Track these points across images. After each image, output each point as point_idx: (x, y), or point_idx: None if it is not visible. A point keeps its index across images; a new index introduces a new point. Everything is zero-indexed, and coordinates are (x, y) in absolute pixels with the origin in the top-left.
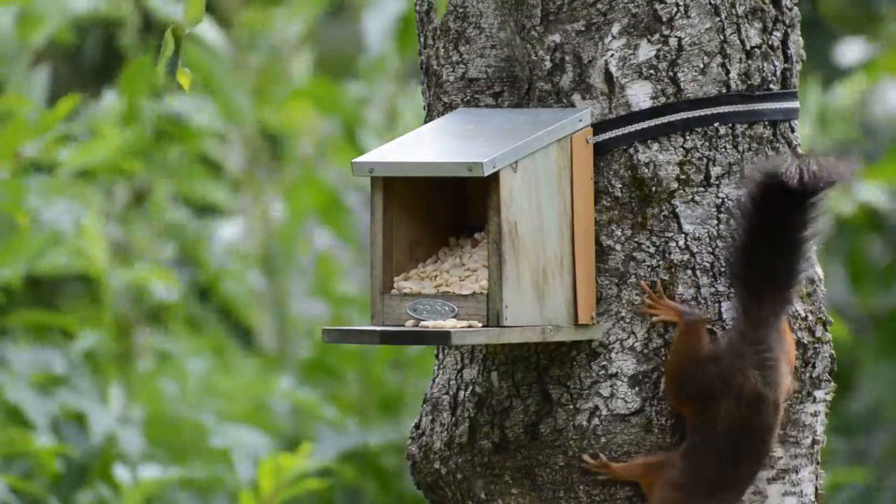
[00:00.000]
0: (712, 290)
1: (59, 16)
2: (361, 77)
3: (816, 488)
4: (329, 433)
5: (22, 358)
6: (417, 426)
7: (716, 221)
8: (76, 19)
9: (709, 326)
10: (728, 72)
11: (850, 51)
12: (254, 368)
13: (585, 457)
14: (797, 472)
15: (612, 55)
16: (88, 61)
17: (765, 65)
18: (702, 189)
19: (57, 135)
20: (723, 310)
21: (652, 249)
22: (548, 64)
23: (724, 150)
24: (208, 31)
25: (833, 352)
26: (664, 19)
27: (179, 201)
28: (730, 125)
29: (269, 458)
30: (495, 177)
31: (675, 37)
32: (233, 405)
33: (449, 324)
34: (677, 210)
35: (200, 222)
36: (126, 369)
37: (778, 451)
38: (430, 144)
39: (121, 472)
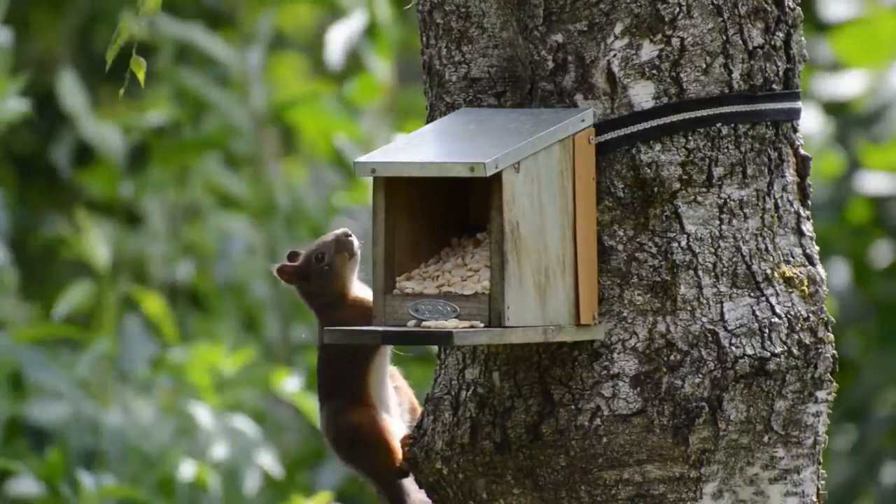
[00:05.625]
0: (714, 290)
1: None
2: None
3: (818, 488)
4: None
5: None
6: (419, 426)
7: (718, 222)
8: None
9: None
10: (730, 72)
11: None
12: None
13: None
14: (799, 473)
15: (614, 55)
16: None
17: (767, 65)
18: (704, 189)
19: None
20: (725, 310)
21: (654, 250)
22: (550, 64)
23: (726, 150)
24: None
25: (835, 352)
26: (667, 19)
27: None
28: (732, 125)
29: None
30: (498, 177)
31: (678, 37)
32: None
33: (451, 324)
34: (679, 210)
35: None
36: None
37: (780, 451)
38: (432, 144)
39: (85, 479)
